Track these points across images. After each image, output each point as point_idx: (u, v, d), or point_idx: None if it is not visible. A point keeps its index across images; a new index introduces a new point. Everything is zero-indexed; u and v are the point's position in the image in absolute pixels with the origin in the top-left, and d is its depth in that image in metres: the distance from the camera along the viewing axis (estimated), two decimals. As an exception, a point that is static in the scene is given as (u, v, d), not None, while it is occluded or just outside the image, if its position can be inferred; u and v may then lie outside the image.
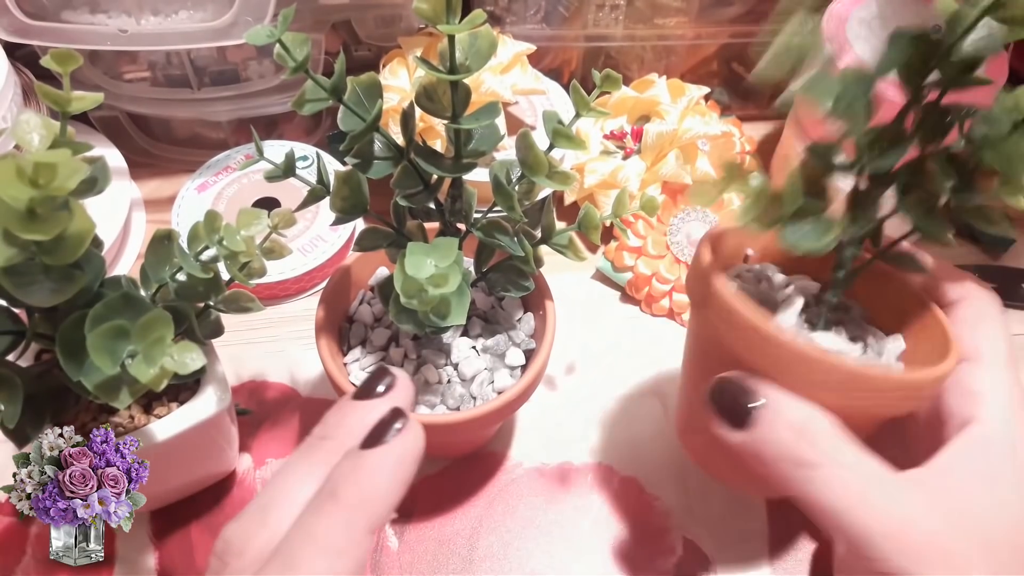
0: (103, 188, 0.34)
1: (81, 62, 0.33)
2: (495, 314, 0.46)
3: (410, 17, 0.63)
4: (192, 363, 0.31)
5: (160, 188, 0.66)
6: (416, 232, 0.43)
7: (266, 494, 0.30)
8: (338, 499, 0.28)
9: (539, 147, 0.38)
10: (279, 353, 0.56)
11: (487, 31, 0.36)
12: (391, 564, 0.47)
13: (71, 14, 0.55)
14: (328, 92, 0.36)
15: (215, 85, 0.62)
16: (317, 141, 0.67)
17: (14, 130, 0.31)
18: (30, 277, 0.30)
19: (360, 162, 0.39)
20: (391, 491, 0.29)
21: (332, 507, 0.28)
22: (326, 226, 0.60)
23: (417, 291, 0.34)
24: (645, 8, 0.65)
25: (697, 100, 0.65)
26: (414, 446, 0.30)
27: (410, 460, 0.30)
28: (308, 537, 0.28)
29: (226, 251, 0.38)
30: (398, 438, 0.30)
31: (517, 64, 0.61)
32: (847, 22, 0.58)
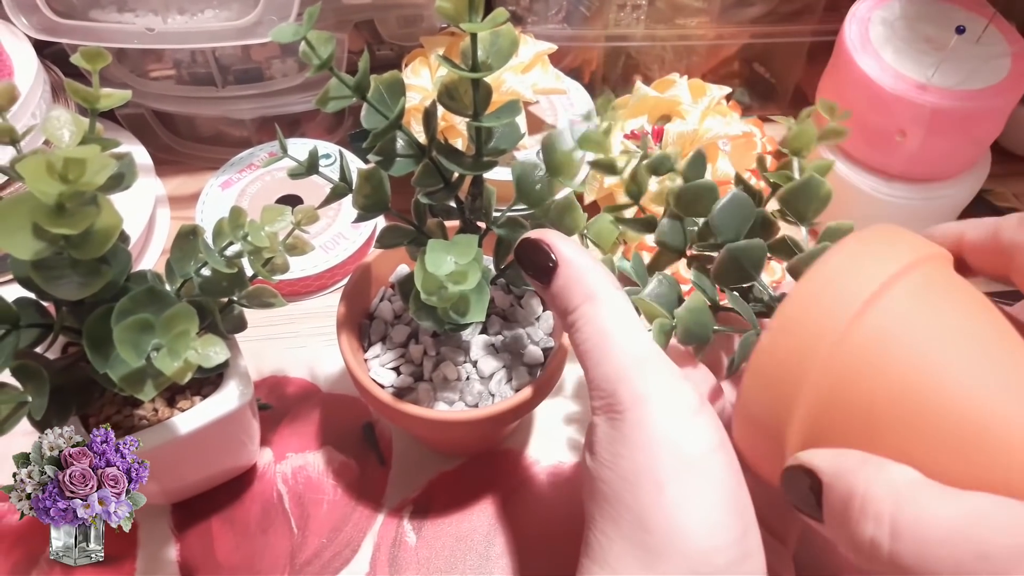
0: (130, 184, 0.35)
1: (110, 60, 0.34)
2: (514, 312, 0.46)
3: (432, 17, 0.64)
4: (215, 357, 0.31)
5: (184, 185, 0.66)
6: (436, 230, 0.43)
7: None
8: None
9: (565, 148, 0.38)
10: (300, 349, 0.57)
11: (509, 30, 0.36)
12: (409, 559, 0.47)
13: (99, 13, 0.56)
14: (352, 90, 0.37)
15: (239, 83, 0.63)
16: (339, 139, 0.67)
17: (44, 126, 0.32)
18: (58, 271, 0.31)
19: (382, 160, 0.39)
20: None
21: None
22: (348, 223, 0.60)
23: (437, 288, 0.34)
24: (666, 8, 0.65)
25: (718, 100, 0.64)
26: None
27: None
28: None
29: (250, 247, 0.38)
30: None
31: (538, 63, 0.62)
32: (869, 23, 0.58)
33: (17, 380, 0.34)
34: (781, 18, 0.67)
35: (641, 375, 0.31)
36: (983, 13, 0.57)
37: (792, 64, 0.70)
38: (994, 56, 0.56)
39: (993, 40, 0.57)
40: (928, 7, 0.59)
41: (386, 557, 0.48)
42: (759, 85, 0.73)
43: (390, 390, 0.44)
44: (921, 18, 0.58)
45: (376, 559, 0.48)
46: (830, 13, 0.65)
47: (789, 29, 0.67)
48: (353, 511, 0.49)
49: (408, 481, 0.51)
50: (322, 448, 0.52)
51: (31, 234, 0.28)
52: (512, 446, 0.53)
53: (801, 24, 0.67)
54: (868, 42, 0.57)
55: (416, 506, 0.50)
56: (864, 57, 0.56)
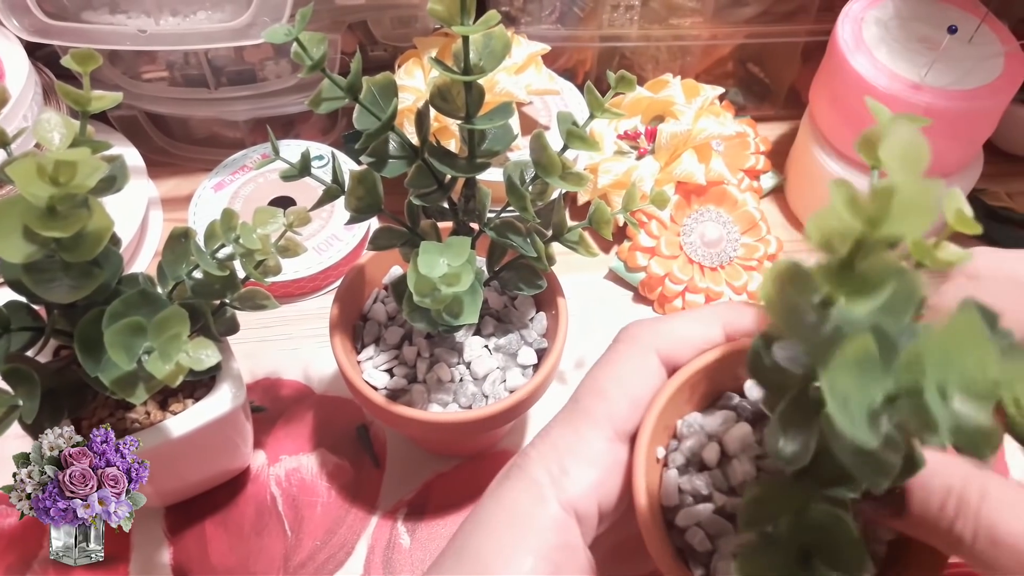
0: (121, 186, 0.34)
1: (101, 62, 0.34)
2: (508, 313, 0.46)
3: (426, 18, 0.64)
4: (207, 360, 0.31)
5: (177, 187, 0.66)
6: (430, 231, 0.43)
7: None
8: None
9: (553, 148, 0.38)
10: (293, 351, 0.57)
11: (501, 32, 0.36)
12: (403, 561, 0.47)
13: (91, 14, 0.56)
14: (344, 91, 0.36)
15: (232, 85, 0.63)
16: (332, 141, 0.67)
17: (35, 129, 0.32)
18: (50, 274, 0.31)
19: (375, 161, 0.39)
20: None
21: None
22: (341, 225, 0.60)
23: (430, 290, 0.34)
24: (660, 8, 0.65)
25: (712, 100, 0.65)
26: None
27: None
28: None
29: (242, 249, 0.38)
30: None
31: (531, 64, 0.62)
32: (863, 23, 0.58)
33: (8, 384, 0.34)
34: (775, 18, 0.67)
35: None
36: (976, 13, 0.57)
37: (786, 64, 0.70)
38: (987, 56, 0.56)
39: (986, 40, 0.57)
40: (921, 7, 0.59)
41: (380, 559, 0.48)
42: (753, 85, 0.73)
43: (384, 392, 0.43)
44: (914, 18, 0.59)
45: (370, 561, 0.47)
46: (824, 13, 0.65)
47: (783, 29, 0.67)
48: (347, 513, 0.49)
49: (402, 483, 0.50)
50: (316, 450, 0.52)
51: (22, 237, 0.28)
52: (507, 447, 0.53)
53: (795, 24, 0.67)
54: (862, 42, 0.57)
55: (410, 508, 0.49)
56: (858, 57, 0.56)
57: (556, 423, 0.30)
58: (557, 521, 0.28)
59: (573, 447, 0.29)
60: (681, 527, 0.28)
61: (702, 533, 0.27)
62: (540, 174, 0.39)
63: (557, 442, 0.29)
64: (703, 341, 0.30)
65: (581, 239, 0.43)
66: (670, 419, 0.29)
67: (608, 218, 0.41)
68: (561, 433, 0.29)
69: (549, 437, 0.30)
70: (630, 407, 0.29)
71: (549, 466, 0.29)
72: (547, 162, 0.38)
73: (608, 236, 0.42)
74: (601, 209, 0.41)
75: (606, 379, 0.30)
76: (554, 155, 0.38)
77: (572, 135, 0.38)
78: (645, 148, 0.63)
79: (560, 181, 0.39)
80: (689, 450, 0.29)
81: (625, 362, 0.30)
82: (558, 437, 0.29)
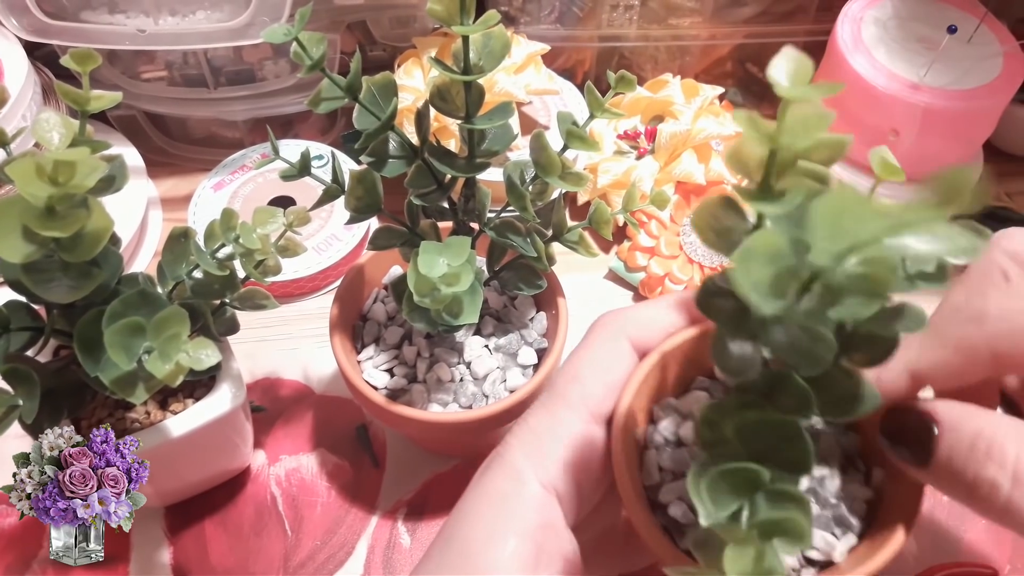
0: (121, 186, 0.34)
1: (100, 62, 0.34)
2: (507, 313, 0.46)
3: (425, 18, 0.64)
4: (207, 359, 0.31)
5: (177, 187, 0.66)
6: (429, 231, 0.43)
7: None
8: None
9: (552, 148, 0.38)
10: (293, 351, 0.57)
11: (500, 32, 0.36)
12: (403, 561, 0.47)
13: (90, 14, 0.56)
14: (344, 91, 0.36)
15: (231, 85, 0.63)
16: (332, 140, 0.67)
17: (34, 128, 0.32)
18: (49, 274, 0.31)
19: (374, 161, 0.39)
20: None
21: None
22: (341, 225, 0.60)
23: (430, 290, 0.34)
24: (659, 8, 0.65)
25: (711, 100, 0.65)
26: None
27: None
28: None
29: (242, 249, 0.38)
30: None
31: (531, 64, 0.62)
32: (862, 23, 0.58)
33: (8, 383, 0.34)
34: (774, 18, 0.67)
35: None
36: (975, 13, 0.57)
37: (785, 64, 0.70)
38: (986, 56, 0.56)
39: (985, 40, 0.57)
40: (920, 7, 0.59)
41: (380, 559, 0.47)
42: (752, 85, 0.73)
43: (384, 392, 0.43)
44: (913, 18, 0.59)
45: (370, 561, 0.47)
46: (823, 13, 0.65)
47: (782, 29, 0.67)
48: (347, 513, 0.49)
49: (402, 483, 0.50)
50: (316, 450, 0.52)
51: (21, 237, 0.28)
52: (506, 447, 0.52)
53: (794, 24, 0.67)
54: (861, 42, 0.57)
55: (410, 508, 0.49)
56: (857, 57, 0.56)
57: (533, 410, 0.31)
58: (538, 500, 0.28)
59: (550, 429, 0.29)
60: (663, 503, 0.28)
61: (684, 506, 0.28)
62: (540, 174, 0.39)
63: (535, 426, 0.30)
64: (670, 325, 0.31)
65: (581, 239, 0.43)
66: (646, 403, 0.30)
67: (608, 218, 0.41)
68: (538, 418, 0.30)
69: (527, 423, 0.30)
70: (604, 390, 0.30)
71: (527, 450, 0.29)
72: (547, 162, 0.38)
73: (608, 236, 0.42)
74: (601, 209, 0.41)
75: (580, 364, 0.31)
76: (554, 155, 0.38)
77: (572, 135, 0.38)
78: (645, 148, 0.63)
79: (560, 181, 0.39)
80: (666, 429, 0.30)
81: (598, 348, 0.31)
82: (535, 422, 0.30)
